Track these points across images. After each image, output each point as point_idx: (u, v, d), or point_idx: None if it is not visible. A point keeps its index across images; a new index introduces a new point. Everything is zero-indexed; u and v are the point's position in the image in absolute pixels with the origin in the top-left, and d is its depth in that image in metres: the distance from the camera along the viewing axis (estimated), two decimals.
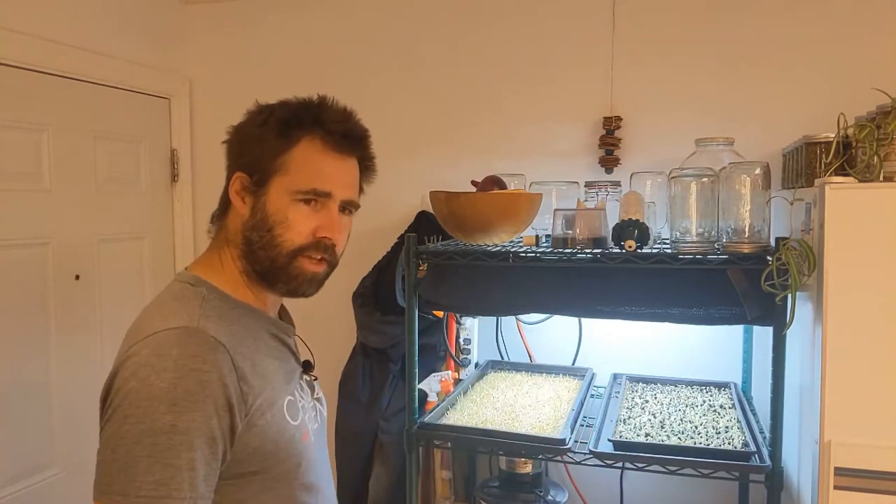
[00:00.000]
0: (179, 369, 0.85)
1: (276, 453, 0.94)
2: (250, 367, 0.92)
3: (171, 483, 0.82)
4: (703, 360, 1.99)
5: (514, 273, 1.65)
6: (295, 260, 0.97)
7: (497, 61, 2.20)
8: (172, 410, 0.83)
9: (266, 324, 1.02)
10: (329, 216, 0.98)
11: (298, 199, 0.96)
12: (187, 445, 0.83)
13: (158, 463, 0.82)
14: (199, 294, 0.96)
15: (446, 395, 1.85)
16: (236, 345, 0.92)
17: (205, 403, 0.85)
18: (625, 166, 2.05)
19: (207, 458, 0.85)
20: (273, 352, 1.01)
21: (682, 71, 2.01)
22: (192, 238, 2.54)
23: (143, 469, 0.81)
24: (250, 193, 0.98)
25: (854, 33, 1.87)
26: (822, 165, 1.44)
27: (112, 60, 2.22)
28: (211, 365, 0.87)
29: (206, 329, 0.90)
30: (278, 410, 0.95)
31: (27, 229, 1.96)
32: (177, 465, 0.82)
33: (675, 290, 1.52)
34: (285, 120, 0.98)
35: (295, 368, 1.06)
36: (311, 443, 1.03)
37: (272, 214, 0.96)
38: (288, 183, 0.96)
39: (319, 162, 0.97)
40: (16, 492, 1.91)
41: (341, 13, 2.36)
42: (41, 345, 2.00)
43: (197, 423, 0.84)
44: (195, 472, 0.84)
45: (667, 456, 1.44)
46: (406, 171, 2.29)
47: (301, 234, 0.96)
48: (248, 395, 0.90)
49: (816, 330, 1.28)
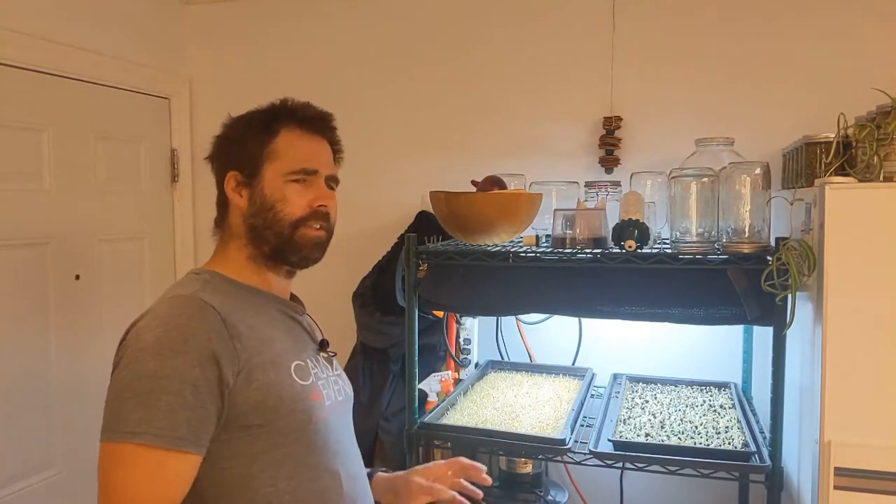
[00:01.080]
0: (166, 325, 0.96)
1: (279, 407, 1.00)
2: (247, 329, 1.00)
3: (151, 421, 0.90)
4: (703, 360, 1.99)
5: (514, 273, 1.65)
6: (297, 230, 1.08)
7: (497, 61, 2.20)
8: (156, 358, 0.93)
9: (273, 302, 1.11)
10: (320, 189, 1.11)
11: (291, 180, 1.08)
12: (168, 389, 0.91)
13: (141, 403, 0.91)
14: (203, 278, 1.07)
15: (446, 395, 1.85)
16: (232, 311, 1.01)
17: (187, 354, 0.93)
18: (625, 166, 2.05)
19: (190, 404, 0.92)
20: (280, 324, 1.10)
21: (682, 71, 2.01)
22: (192, 238, 2.54)
23: (128, 409, 0.91)
24: (245, 186, 1.09)
25: (854, 33, 1.87)
26: (822, 165, 1.44)
27: (112, 60, 2.22)
28: (197, 322, 0.96)
29: (200, 296, 1.00)
30: (284, 370, 1.03)
31: (27, 229, 1.96)
32: (157, 406, 0.90)
33: (675, 290, 1.52)
34: (263, 119, 1.11)
35: (308, 343, 1.15)
36: (327, 406, 1.09)
37: (270, 195, 1.08)
38: (278, 167, 1.08)
39: (301, 146, 1.11)
40: (16, 492, 1.91)
41: (341, 13, 2.36)
42: (41, 345, 2.00)
43: (179, 371, 0.92)
44: (175, 414, 0.91)
45: (667, 456, 1.44)
46: (406, 171, 2.29)
47: (299, 207, 1.08)
48: (241, 352, 0.98)
49: (816, 330, 1.28)
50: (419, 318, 1.70)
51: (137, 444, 0.89)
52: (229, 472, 0.98)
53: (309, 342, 1.15)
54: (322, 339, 1.20)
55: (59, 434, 2.04)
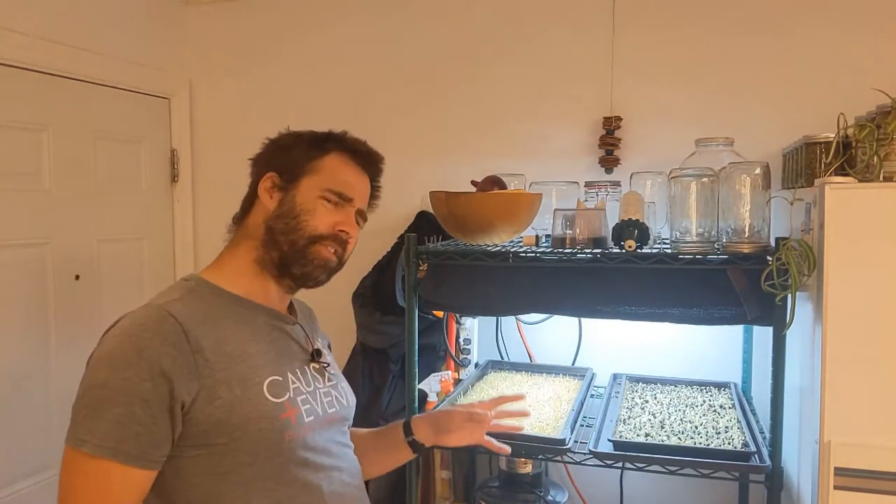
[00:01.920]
0: (123, 335, 0.97)
1: (245, 426, 0.99)
2: (214, 344, 1.00)
3: (95, 431, 0.92)
4: (703, 360, 1.99)
5: (515, 273, 1.65)
6: (313, 245, 1.10)
7: (497, 62, 2.20)
8: (107, 369, 0.94)
9: (261, 313, 1.11)
10: (348, 216, 1.14)
11: (325, 198, 1.11)
12: (117, 402, 0.93)
13: (91, 414, 0.93)
14: (188, 286, 1.07)
15: (446, 395, 1.85)
16: (202, 324, 1.00)
17: (138, 367, 0.93)
18: (625, 166, 2.05)
19: (140, 419, 0.93)
20: (263, 337, 1.09)
21: (682, 71, 2.01)
22: (192, 238, 2.54)
23: (81, 417, 0.94)
24: (279, 189, 1.11)
25: (854, 33, 1.87)
26: (822, 165, 1.44)
27: (112, 60, 2.22)
28: (153, 333, 0.96)
29: (168, 307, 0.99)
30: (254, 386, 1.02)
31: (27, 229, 1.96)
32: (105, 417, 0.92)
33: (675, 290, 1.52)
34: (317, 137, 1.15)
35: (295, 354, 1.13)
36: (306, 422, 1.07)
37: (300, 204, 1.10)
38: (318, 182, 1.11)
39: (346, 172, 1.14)
40: (16, 492, 1.91)
41: (342, 13, 2.36)
42: (41, 345, 2.00)
43: (129, 383, 0.93)
44: (123, 428, 0.92)
45: (667, 456, 1.43)
46: (406, 171, 2.28)
47: (323, 224, 1.10)
48: (202, 367, 0.97)
49: (816, 330, 1.28)
50: (419, 318, 1.69)
51: (85, 452, 0.92)
52: (198, 489, 0.98)
53: (297, 353, 1.13)
54: (314, 349, 1.17)
55: (59, 434, 2.01)
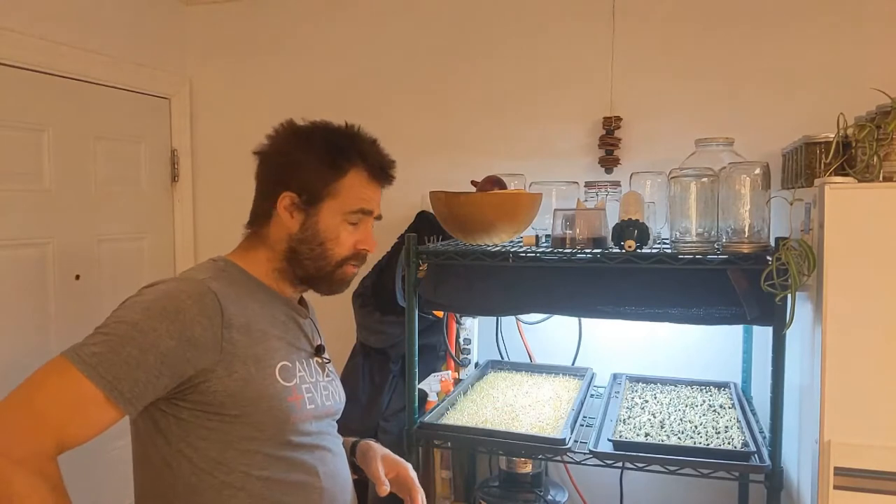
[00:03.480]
0: (167, 293, 1.00)
1: (257, 402, 1.03)
2: (243, 323, 1.04)
3: (103, 362, 0.93)
4: (703, 360, 1.99)
5: (514, 273, 1.65)
6: (340, 268, 1.15)
7: (497, 62, 2.20)
8: (143, 313, 0.97)
9: (280, 303, 1.16)
10: (367, 231, 1.18)
11: (347, 221, 1.13)
12: (135, 343, 0.94)
13: (107, 341, 0.94)
14: (218, 266, 1.12)
15: (446, 394, 1.85)
16: (235, 303, 1.04)
17: (172, 323, 0.96)
18: (625, 166, 2.05)
19: (148, 367, 0.94)
20: (279, 325, 1.13)
21: (681, 71, 2.01)
22: (192, 238, 2.54)
23: (94, 340, 0.95)
24: (300, 211, 1.12)
25: (854, 33, 1.87)
26: (822, 165, 1.44)
27: (112, 60, 2.22)
28: (194, 301, 0.99)
29: (209, 284, 1.03)
30: (268, 368, 1.06)
31: (27, 229, 1.96)
32: (118, 352, 0.94)
33: (675, 290, 1.52)
34: (333, 151, 1.13)
35: (304, 346, 1.17)
36: (308, 409, 1.11)
37: (323, 231, 1.12)
38: (339, 205, 1.13)
39: (365, 189, 1.16)
40: None
41: (342, 14, 2.36)
42: (41, 345, 2.00)
43: (156, 334, 0.95)
44: (127, 367, 0.93)
45: (667, 456, 1.44)
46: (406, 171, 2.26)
47: (346, 248, 1.15)
48: (227, 342, 1.01)
49: (816, 330, 1.28)
50: (419, 318, 1.70)
51: (80, 372, 0.92)
52: (204, 452, 1.02)
53: (305, 345, 1.18)
54: (319, 344, 1.22)
55: None
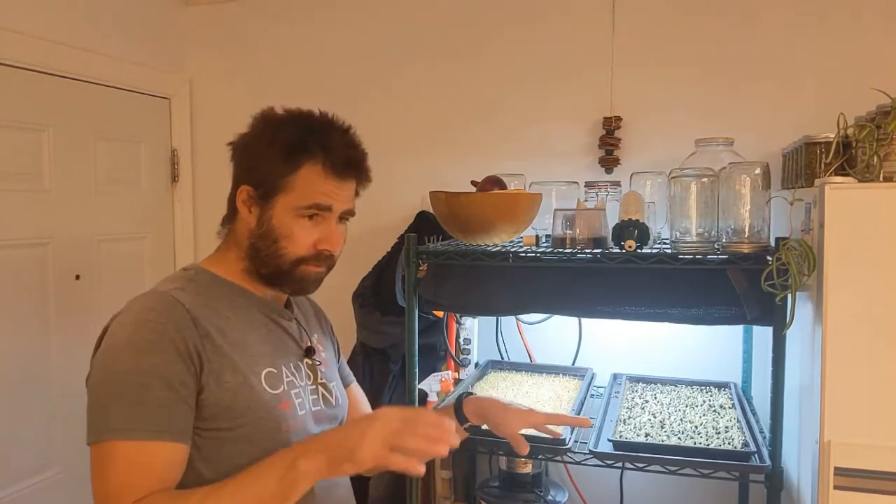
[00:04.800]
0: (137, 321, 0.97)
1: (246, 413, 1.00)
2: (216, 331, 1.01)
3: (140, 418, 0.91)
4: (703, 360, 1.99)
5: (514, 273, 1.65)
6: (297, 267, 1.08)
7: (497, 61, 2.20)
8: (134, 356, 0.93)
9: (259, 304, 1.11)
10: (328, 229, 1.08)
11: (301, 215, 1.06)
12: (149, 385, 0.92)
13: (125, 402, 0.92)
14: (187, 275, 1.08)
15: (446, 394, 1.85)
16: (205, 311, 1.01)
17: (165, 350, 0.94)
18: (625, 166, 2.05)
19: (173, 399, 0.93)
20: (259, 328, 1.09)
21: (681, 71, 2.01)
22: (192, 238, 2.54)
23: (115, 408, 0.92)
24: (256, 205, 1.07)
25: (854, 33, 1.87)
26: (822, 165, 1.44)
27: (112, 60, 2.22)
28: (167, 317, 0.96)
29: (173, 294, 1.00)
30: (254, 375, 1.03)
31: (27, 229, 1.96)
32: (142, 403, 0.92)
33: (675, 290, 1.52)
34: (290, 144, 1.05)
35: (290, 349, 1.13)
36: (299, 415, 1.08)
37: (277, 228, 1.06)
38: (292, 200, 1.05)
39: (322, 184, 1.06)
40: (16, 492, 1.91)
41: (341, 14, 2.36)
42: (41, 345, 2.00)
43: (159, 367, 0.93)
44: (167, 409, 0.92)
45: (667, 456, 1.44)
46: (406, 171, 2.29)
47: (303, 247, 1.07)
48: (210, 353, 0.98)
49: (816, 330, 1.28)
50: (419, 318, 1.70)
51: (126, 440, 0.90)
52: (199, 474, 0.98)
53: (292, 348, 1.13)
54: (309, 346, 1.17)
55: (59, 434, 2.04)
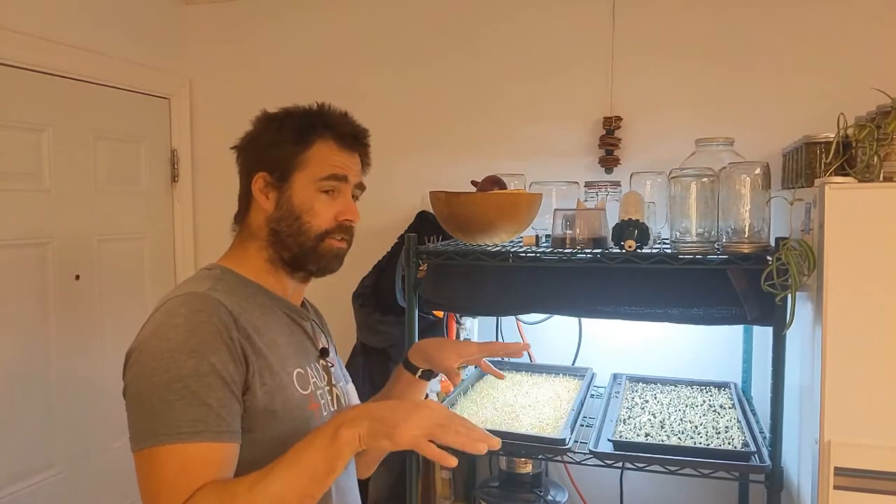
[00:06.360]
0: (190, 324, 0.96)
1: (281, 414, 1.01)
2: (254, 330, 1.02)
3: (206, 419, 0.91)
4: (703, 360, 1.99)
5: (515, 273, 1.65)
6: (322, 242, 1.10)
7: (497, 61, 2.20)
8: (193, 357, 0.93)
9: (280, 304, 1.12)
10: (346, 201, 1.12)
11: (320, 190, 1.09)
12: (213, 386, 0.92)
13: (191, 404, 0.91)
14: (214, 275, 1.08)
15: (446, 395, 1.85)
16: (241, 311, 1.02)
17: (220, 350, 0.95)
18: (625, 166, 2.05)
19: (229, 398, 0.94)
20: (284, 328, 1.10)
21: (682, 71, 2.01)
22: (192, 238, 2.53)
23: (178, 411, 0.90)
24: (274, 189, 1.09)
25: (854, 33, 1.87)
26: (822, 165, 1.44)
27: (112, 61, 2.22)
28: (217, 318, 0.97)
29: (211, 294, 1.01)
30: (287, 376, 1.04)
31: (27, 229, 1.96)
32: (208, 404, 0.92)
33: (675, 290, 1.52)
34: (299, 126, 1.10)
35: (310, 350, 1.15)
36: (324, 417, 1.09)
37: (298, 205, 1.08)
38: (309, 175, 1.09)
39: (334, 156, 1.11)
40: (16, 492, 1.91)
41: (341, 14, 2.36)
42: (41, 345, 2.00)
43: (217, 367, 0.94)
44: (224, 409, 0.93)
45: (667, 456, 1.43)
46: (406, 171, 2.29)
47: (325, 220, 1.10)
48: (249, 353, 0.99)
49: (816, 330, 1.28)
50: (419, 318, 1.70)
51: (188, 442, 0.90)
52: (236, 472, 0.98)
53: (311, 349, 1.15)
54: (322, 347, 1.18)
55: (59, 434, 2.04)
